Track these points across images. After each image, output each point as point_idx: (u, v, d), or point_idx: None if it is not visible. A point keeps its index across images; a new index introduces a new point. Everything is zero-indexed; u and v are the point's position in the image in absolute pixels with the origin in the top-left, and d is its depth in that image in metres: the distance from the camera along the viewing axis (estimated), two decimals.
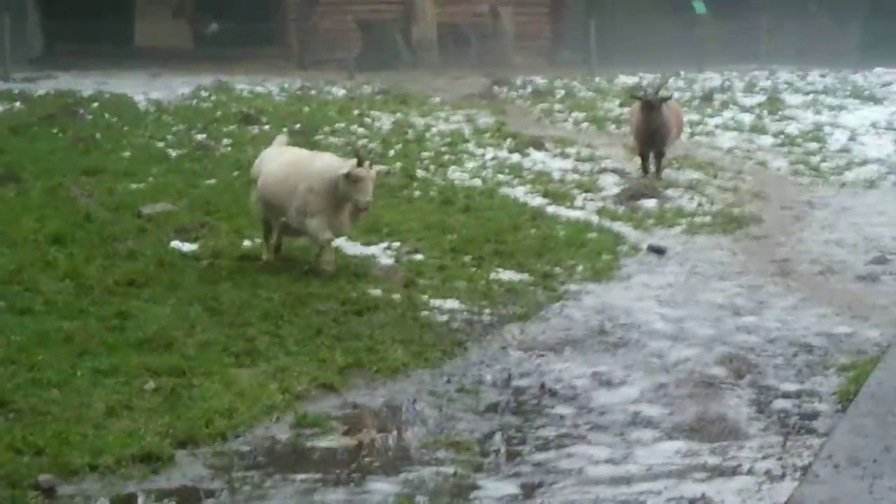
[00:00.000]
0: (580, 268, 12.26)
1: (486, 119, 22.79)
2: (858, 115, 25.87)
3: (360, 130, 20.77)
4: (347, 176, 10.78)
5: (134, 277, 10.64)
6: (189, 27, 39.30)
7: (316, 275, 11.04)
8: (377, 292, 10.73)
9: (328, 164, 11.19)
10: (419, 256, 12.17)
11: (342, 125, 21.19)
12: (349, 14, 37.82)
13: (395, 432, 7.86)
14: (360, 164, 10.81)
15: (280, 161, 11.53)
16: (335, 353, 9.00)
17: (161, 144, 18.16)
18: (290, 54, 37.91)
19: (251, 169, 12.03)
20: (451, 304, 10.62)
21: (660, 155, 17.35)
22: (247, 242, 12.16)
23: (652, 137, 17.10)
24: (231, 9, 37.02)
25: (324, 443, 7.50)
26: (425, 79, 32.47)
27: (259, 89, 27.61)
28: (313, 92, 27.68)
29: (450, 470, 7.01)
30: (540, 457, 7.24)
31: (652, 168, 17.41)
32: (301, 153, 11.90)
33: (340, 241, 12.39)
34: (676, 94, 29.23)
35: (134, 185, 14.65)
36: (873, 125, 24.50)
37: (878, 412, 7.66)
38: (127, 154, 16.89)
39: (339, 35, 37.13)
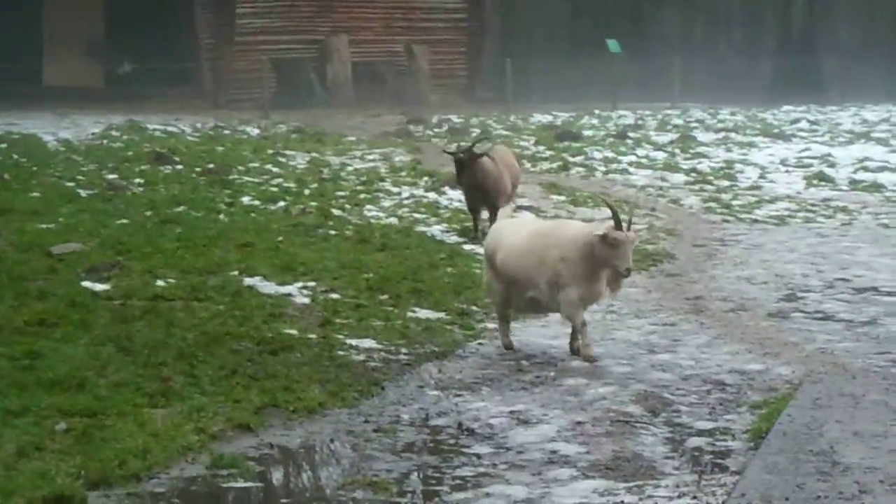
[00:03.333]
0: None
1: (402, 157, 22.85)
2: (768, 152, 26.30)
3: (275, 170, 20.70)
4: (604, 238, 9.99)
5: (45, 317, 10.48)
6: (100, 67, 39.01)
7: (584, 359, 10.28)
8: (293, 332, 10.66)
9: (581, 230, 10.40)
10: (335, 295, 12.12)
11: (256, 164, 21.11)
12: (263, 53, 37.75)
13: (312, 472, 7.80)
14: (617, 225, 10.02)
15: (523, 232, 10.72)
16: (251, 393, 8.91)
17: (71, 184, 17.97)
18: (203, 94, 37.78)
19: (484, 247, 11.12)
20: (368, 343, 10.58)
21: (494, 210, 15.58)
22: (160, 282, 12.04)
23: (475, 194, 15.77)
24: (144, 48, 36.82)
25: (240, 483, 7.42)
26: (340, 117, 32.50)
27: (172, 128, 27.45)
28: (227, 131, 27.59)
29: None
30: (458, 496, 7.21)
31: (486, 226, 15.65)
32: (546, 221, 11.41)
33: (255, 281, 12.33)
34: (589, 132, 29.53)
35: (44, 225, 14.48)
36: (782, 162, 24.90)
37: (790, 450, 7.72)
38: (36, 194, 16.70)
39: (252, 74, 37.04)
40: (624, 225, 9.97)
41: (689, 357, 10.54)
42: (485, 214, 16.02)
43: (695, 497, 7.05)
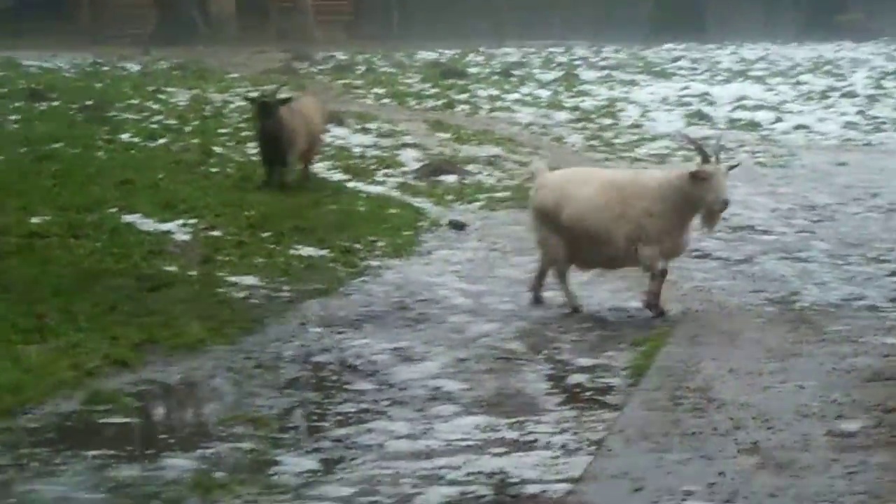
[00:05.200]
0: (381, 243, 12.24)
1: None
2: (649, 90, 26.48)
3: (156, 107, 20.39)
4: (695, 176, 9.50)
5: None
6: None
7: (649, 308, 9.80)
8: (173, 269, 10.53)
9: (666, 176, 9.89)
10: (217, 233, 11.99)
11: (136, 101, 20.77)
12: None
13: (191, 408, 7.72)
14: (705, 160, 9.58)
15: (596, 185, 9.95)
16: (129, 330, 8.79)
17: None
18: (81, 29, 37.03)
19: (538, 202, 10.13)
20: (250, 280, 10.48)
21: (282, 163, 14.34)
22: (35, 219, 11.80)
23: (271, 145, 14.23)
24: None
25: (117, 418, 7.32)
26: (223, 54, 32.06)
27: (48, 65, 26.88)
28: (106, 68, 27.10)
29: (248, 446, 6.91)
30: (340, 432, 7.19)
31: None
32: (619, 171, 10.76)
33: (135, 218, 12.14)
34: (474, 70, 29.50)
35: None
36: (663, 101, 25.10)
37: (668, 386, 7.81)
38: None
39: (132, 9, 36.44)
40: (712, 158, 9.58)
41: None
42: None
43: (575, 433, 7.09)
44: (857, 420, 7.00)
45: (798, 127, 22.49)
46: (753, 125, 22.64)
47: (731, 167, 9.99)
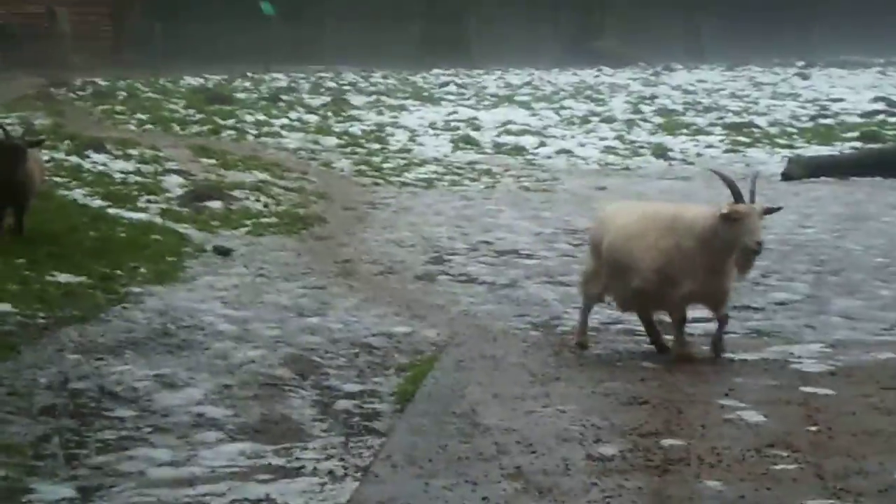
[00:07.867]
0: (143, 270, 11.98)
1: (42, 121, 22.07)
2: (417, 115, 26.77)
3: None
4: (727, 217, 8.76)
5: None
6: None
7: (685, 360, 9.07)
8: None
9: (700, 213, 9.09)
10: None
11: None
12: None
13: None
14: (737, 198, 8.84)
15: (636, 214, 9.44)
16: None
17: None
18: None
19: (590, 234, 9.90)
20: (2, 307, 10.10)
21: (21, 210, 12.65)
22: None
23: (11, 189, 12.41)
24: None
25: None
26: None
27: None
28: None
29: None
30: (99, 459, 6.98)
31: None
32: (663, 205, 9.92)
33: None
34: (241, 95, 29.29)
35: None
36: (431, 126, 25.37)
37: (434, 411, 7.83)
38: None
39: None
40: (745, 195, 8.84)
41: (339, 320, 10.56)
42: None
43: (342, 459, 7.05)
44: (614, 444, 7.11)
45: (560, 151, 23.01)
46: (518, 150, 23.05)
47: (770, 210, 9.16)
